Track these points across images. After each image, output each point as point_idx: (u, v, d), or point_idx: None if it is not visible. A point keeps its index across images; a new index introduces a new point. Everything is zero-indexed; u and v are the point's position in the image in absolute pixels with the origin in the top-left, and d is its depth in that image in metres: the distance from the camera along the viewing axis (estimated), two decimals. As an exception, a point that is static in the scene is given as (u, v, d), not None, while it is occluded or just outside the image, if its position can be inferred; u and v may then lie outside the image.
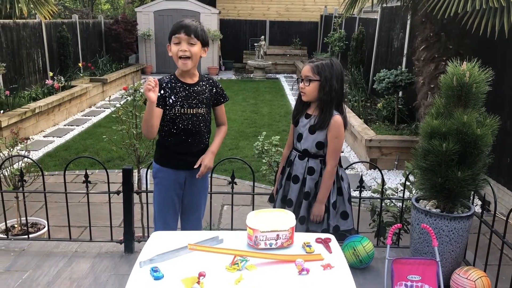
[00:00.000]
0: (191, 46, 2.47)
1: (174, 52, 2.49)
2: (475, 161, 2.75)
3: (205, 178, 2.79)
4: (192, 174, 2.68)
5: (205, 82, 2.65)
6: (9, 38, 8.33)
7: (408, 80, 6.41)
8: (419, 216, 2.92)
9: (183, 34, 2.46)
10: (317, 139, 2.63)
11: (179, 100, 2.54)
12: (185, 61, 2.48)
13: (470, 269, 2.78)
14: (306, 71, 2.59)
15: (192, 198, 2.78)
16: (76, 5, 20.95)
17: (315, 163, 2.67)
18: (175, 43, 2.49)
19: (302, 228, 2.72)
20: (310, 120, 2.64)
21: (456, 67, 2.75)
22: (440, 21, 4.83)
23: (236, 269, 1.81)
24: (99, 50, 12.94)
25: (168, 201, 2.71)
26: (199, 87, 2.60)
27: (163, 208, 2.73)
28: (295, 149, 2.74)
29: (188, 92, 2.57)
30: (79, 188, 5.00)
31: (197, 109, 2.58)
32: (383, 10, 9.03)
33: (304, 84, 2.58)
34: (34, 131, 7.58)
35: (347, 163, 6.39)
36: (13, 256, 3.29)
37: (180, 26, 2.48)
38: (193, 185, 2.73)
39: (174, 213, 2.76)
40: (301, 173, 2.69)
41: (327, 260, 1.92)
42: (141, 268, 1.83)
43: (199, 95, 2.59)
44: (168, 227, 2.70)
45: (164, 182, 2.68)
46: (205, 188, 2.84)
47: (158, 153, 2.73)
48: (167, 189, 2.68)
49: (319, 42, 15.96)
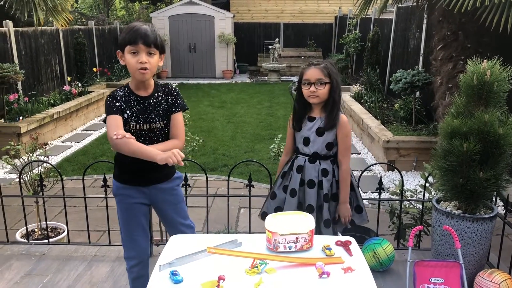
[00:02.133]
0: (150, 56, 2.23)
1: (132, 63, 2.22)
2: (498, 161, 2.69)
3: (175, 190, 2.51)
4: (157, 189, 2.43)
5: (161, 92, 2.37)
6: (28, 45, 8.47)
7: (425, 80, 6.33)
8: (440, 217, 2.87)
9: (141, 44, 2.19)
10: (327, 140, 2.61)
11: (133, 115, 2.29)
12: (144, 71, 2.22)
13: (494, 271, 2.72)
14: (317, 74, 2.55)
15: (166, 215, 2.53)
16: (92, 12, 21.23)
17: (327, 164, 2.65)
18: (131, 52, 2.21)
19: (328, 231, 2.67)
20: (315, 122, 2.62)
21: (476, 66, 2.70)
22: (457, 19, 4.76)
23: (256, 272, 1.79)
24: (115, 55, 13.07)
25: (134, 221, 2.44)
26: (154, 99, 2.34)
27: (129, 229, 2.45)
28: (302, 154, 2.68)
29: (144, 106, 2.31)
30: (97, 193, 5.05)
31: (154, 124, 2.32)
32: (399, 10, 8.95)
33: (316, 87, 2.55)
34: (53, 137, 7.68)
35: (364, 165, 6.34)
36: (34, 260, 3.33)
37: (138, 35, 2.19)
38: (162, 200, 2.48)
39: (144, 233, 2.48)
40: (315, 177, 2.65)
41: (347, 263, 1.89)
42: (161, 271, 1.82)
43: (155, 108, 2.33)
44: (138, 248, 2.46)
45: (127, 200, 2.41)
46: (179, 201, 2.54)
47: (117, 169, 2.48)
48: (131, 208, 2.42)
49: (334, 44, 15.89)
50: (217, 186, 5.41)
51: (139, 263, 2.49)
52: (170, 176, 2.49)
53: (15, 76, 6.83)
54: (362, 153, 7.00)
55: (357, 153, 7.01)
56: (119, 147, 2.21)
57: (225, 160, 6.54)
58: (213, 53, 14.86)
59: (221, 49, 14.82)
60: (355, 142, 7.62)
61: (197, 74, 14.63)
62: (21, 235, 3.84)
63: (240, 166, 5.85)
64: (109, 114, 2.26)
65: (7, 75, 6.68)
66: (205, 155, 6.73)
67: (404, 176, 5.79)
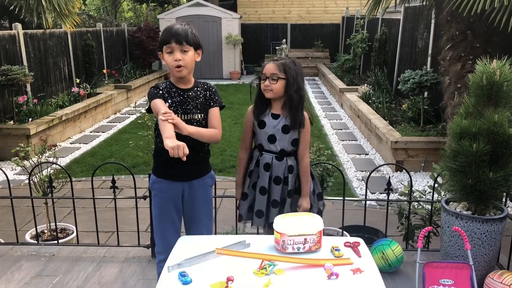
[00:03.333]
0: (185, 54, 2.38)
1: (169, 62, 2.39)
2: (508, 162, 2.67)
3: (206, 190, 2.61)
4: (190, 186, 2.52)
5: (200, 87, 2.53)
6: (37, 47, 8.54)
7: (434, 80, 6.30)
8: (450, 218, 2.85)
9: (174, 43, 2.35)
10: (293, 137, 2.66)
11: (173, 105, 2.43)
12: (180, 69, 2.38)
13: (505, 273, 2.70)
14: (271, 69, 2.59)
15: (193, 212, 2.59)
16: (100, 14, 21.36)
17: (292, 160, 2.69)
18: (167, 52, 2.38)
19: None
20: (280, 120, 2.64)
21: (485, 66, 2.68)
22: (466, 19, 4.73)
23: (264, 273, 1.80)
24: (123, 57, 13.14)
25: (165, 216, 2.53)
26: (194, 93, 2.49)
27: (160, 223, 2.54)
28: (268, 151, 2.68)
29: (183, 98, 2.46)
30: (106, 194, 5.07)
31: (192, 115, 2.46)
32: (406, 10, 8.91)
33: (270, 82, 2.57)
34: (61, 138, 7.73)
35: (371, 166, 6.32)
36: (43, 261, 3.35)
37: (170, 35, 2.36)
38: (193, 197, 2.55)
39: (174, 229, 2.55)
40: (282, 173, 2.68)
41: (356, 264, 1.89)
42: (169, 273, 1.83)
43: (194, 101, 2.48)
44: (166, 244, 2.47)
45: (161, 194, 2.51)
46: (207, 201, 2.63)
47: (155, 162, 2.58)
48: (164, 202, 2.51)
49: (341, 44, 15.85)
50: (225, 187, 5.42)
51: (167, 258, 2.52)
52: (205, 173, 2.58)
53: (24, 78, 6.89)
54: (370, 153, 6.98)
55: (365, 153, 6.99)
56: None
57: (233, 161, 6.54)
58: (221, 54, 14.88)
59: (228, 50, 14.84)
60: (362, 142, 7.59)
61: (204, 75, 14.65)
62: (30, 236, 3.87)
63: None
64: (154, 99, 2.37)
65: (16, 77, 6.73)
66: (213, 156, 6.70)
67: (413, 177, 5.76)
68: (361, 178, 5.89)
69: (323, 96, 12.20)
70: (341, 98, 10.35)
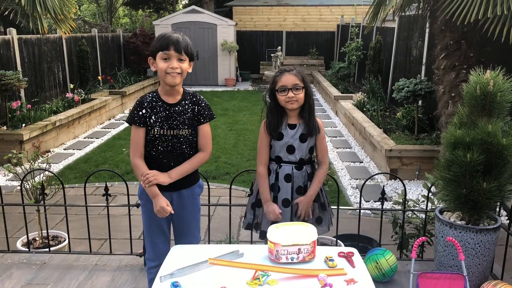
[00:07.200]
0: (181, 63, 2.37)
1: (163, 68, 2.35)
2: (501, 172, 2.67)
3: (195, 199, 2.60)
4: (179, 195, 2.52)
5: (188, 101, 2.48)
6: (31, 53, 8.51)
7: (428, 89, 6.33)
8: (444, 228, 2.85)
9: (172, 51, 2.33)
10: (310, 145, 2.67)
11: (158, 120, 2.40)
12: (174, 75, 2.36)
13: (498, 283, 2.69)
14: (292, 79, 2.58)
15: (182, 221, 2.58)
16: (95, 19, 21.35)
17: (310, 168, 2.71)
18: (163, 58, 2.35)
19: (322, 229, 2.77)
20: (297, 130, 2.64)
21: (479, 76, 2.69)
22: (460, 28, 4.76)
23: (258, 284, 1.78)
24: (118, 63, 13.12)
25: (155, 225, 2.54)
26: (181, 107, 2.45)
27: (150, 232, 2.57)
28: (287, 162, 2.67)
29: (168, 112, 2.42)
30: (99, 201, 5.03)
31: (178, 131, 2.42)
32: (401, 19, 8.97)
33: (293, 92, 2.57)
34: (55, 144, 7.69)
35: (366, 174, 6.32)
36: (34, 269, 3.31)
37: (170, 42, 2.34)
38: (181, 207, 2.54)
39: (164, 237, 2.59)
40: (302, 182, 2.69)
41: (350, 274, 1.88)
42: (162, 282, 1.81)
43: (181, 116, 2.43)
44: (157, 251, 2.54)
45: (149, 204, 2.48)
46: (195, 210, 2.62)
47: None
48: (153, 212, 2.47)
49: (336, 52, 15.92)
50: (219, 195, 5.40)
51: (158, 265, 2.52)
52: (193, 183, 2.58)
53: (18, 84, 6.85)
54: (364, 161, 6.99)
55: (359, 161, 6.99)
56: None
57: (227, 168, 6.53)
58: (216, 60, 14.90)
59: (223, 57, 14.86)
60: (357, 150, 7.60)
61: (199, 81, 14.65)
62: (22, 243, 3.83)
63: (242, 174, 5.84)
64: (130, 123, 2.43)
65: (10, 82, 6.70)
66: (207, 163, 6.71)
67: (407, 185, 5.77)
68: (355, 186, 5.89)
69: (318, 103, 12.22)
70: (336, 106, 10.38)
